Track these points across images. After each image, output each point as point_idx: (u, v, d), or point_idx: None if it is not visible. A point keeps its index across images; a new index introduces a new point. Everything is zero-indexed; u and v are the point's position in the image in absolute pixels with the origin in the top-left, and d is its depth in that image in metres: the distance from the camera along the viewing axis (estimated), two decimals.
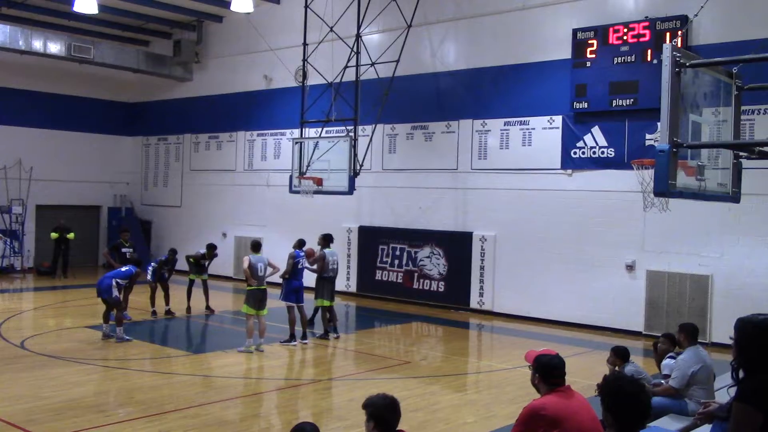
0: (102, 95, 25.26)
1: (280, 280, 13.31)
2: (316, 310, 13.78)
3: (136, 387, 9.94)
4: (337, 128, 17.86)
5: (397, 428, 4.30)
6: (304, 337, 13.09)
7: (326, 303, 13.67)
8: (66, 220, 22.67)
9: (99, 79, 24.69)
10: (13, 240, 22.61)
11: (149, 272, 15.39)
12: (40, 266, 23.00)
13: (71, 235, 22.25)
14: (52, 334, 13.83)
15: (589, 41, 15.15)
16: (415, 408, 9.07)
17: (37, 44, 20.88)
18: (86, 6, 18.55)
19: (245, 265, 12.45)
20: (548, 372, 4.90)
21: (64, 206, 23.86)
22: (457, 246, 17.37)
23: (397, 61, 16.87)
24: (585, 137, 15.46)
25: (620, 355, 8.11)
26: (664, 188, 5.52)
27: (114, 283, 12.90)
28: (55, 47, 21.20)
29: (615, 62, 14.81)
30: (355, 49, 16.95)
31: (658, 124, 5.77)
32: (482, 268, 16.95)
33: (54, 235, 22.03)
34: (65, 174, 24.14)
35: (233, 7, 19.34)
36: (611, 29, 14.84)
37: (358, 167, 16.55)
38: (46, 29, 21.98)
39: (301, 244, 13.59)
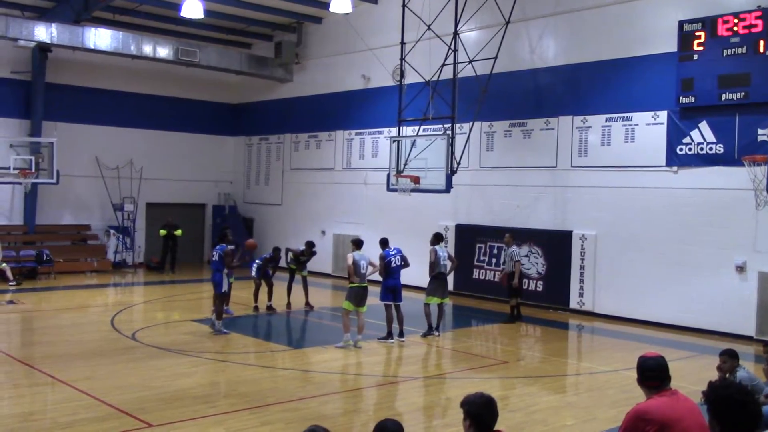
0: (207, 97, 26.17)
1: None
2: (426, 306, 13.77)
3: (239, 380, 10.24)
4: (435, 126, 17.84)
5: (495, 428, 4.28)
6: (401, 335, 13.18)
7: (435, 300, 13.73)
8: (173, 217, 23.65)
9: (204, 82, 25.60)
10: (125, 236, 23.75)
11: (254, 269, 15.91)
12: (149, 261, 24.07)
13: (179, 232, 23.20)
14: (161, 326, 14.46)
15: (696, 33, 14.56)
16: (512, 408, 8.99)
17: (147, 49, 21.81)
18: (192, 11, 19.24)
19: (349, 261, 12.67)
20: (641, 373, 4.81)
21: (171, 204, 24.89)
22: (556, 245, 17.08)
23: (495, 58, 16.70)
24: (692, 133, 14.88)
25: (733, 357, 7.79)
26: None
27: (223, 276, 13.39)
28: (163, 51, 22.10)
29: (724, 54, 14.17)
30: (452, 47, 16.90)
31: None
32: (582, 267, 16.60)
33: (162, 231, 23.03)
34: (173, 173, 25.18)
35: (332, 8, 19.61)
36: (720, 20, 14.21)
37: (456, 165, 16.49)
38: (155, 34, 22.97)
39: (385, 243, 13.69)
